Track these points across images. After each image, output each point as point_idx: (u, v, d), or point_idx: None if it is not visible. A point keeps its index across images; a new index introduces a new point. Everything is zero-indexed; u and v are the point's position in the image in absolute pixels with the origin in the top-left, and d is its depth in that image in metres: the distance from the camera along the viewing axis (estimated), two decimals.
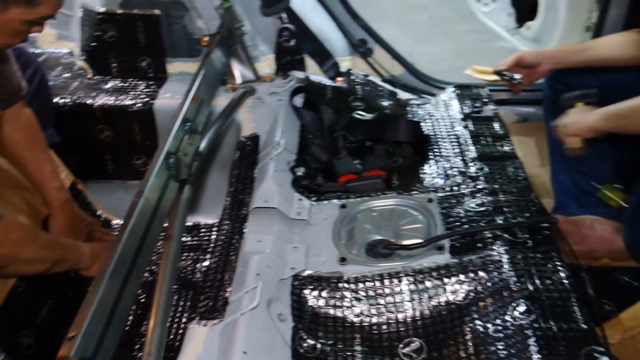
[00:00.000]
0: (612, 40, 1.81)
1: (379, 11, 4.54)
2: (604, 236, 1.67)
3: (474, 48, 3.83)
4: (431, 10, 4.60)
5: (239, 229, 1.39)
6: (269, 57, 1.99)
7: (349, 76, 2.04)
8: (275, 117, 1.74)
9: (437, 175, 1.53)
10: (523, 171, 1.43)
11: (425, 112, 1.81)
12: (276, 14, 1.87)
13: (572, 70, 1.89)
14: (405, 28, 4.32)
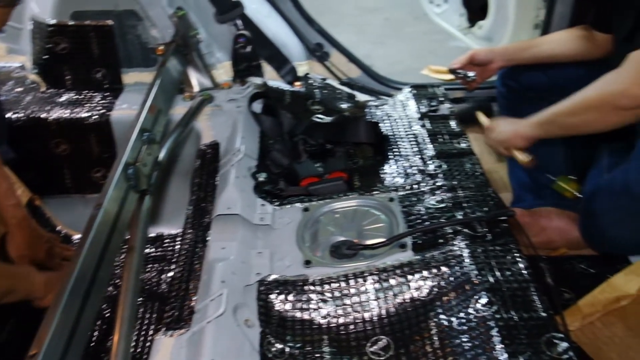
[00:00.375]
0: (558, 37, 1.87)
1: (336, 16, 4.58)
2: (561, 226, 1.73)
3: (429, 48, 3.90)
4: (386, 12, 4.66)
5: (202, 237, 1.38)
6: (226, 64, 1.99)
7: (306, 80, 2.05)
8: (235, 124, 1.74)
9: (397, 175, 1.55)
10: (480, 167, 1.47)
11: (384, 113, 1.84)
12: (231, 21, 1.86)
13: (523, 67, 1.95)
14: (362, 31, 4.37)
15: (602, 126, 1.45)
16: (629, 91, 1.32)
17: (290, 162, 1.66)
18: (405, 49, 4.05)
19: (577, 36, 1.83)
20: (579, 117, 1.46)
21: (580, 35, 1.83)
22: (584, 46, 1.81)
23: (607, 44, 1.73)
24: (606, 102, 1.38)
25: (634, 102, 1.32)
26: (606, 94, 1.38)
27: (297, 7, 2.11)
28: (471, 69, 1.95)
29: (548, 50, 1.87)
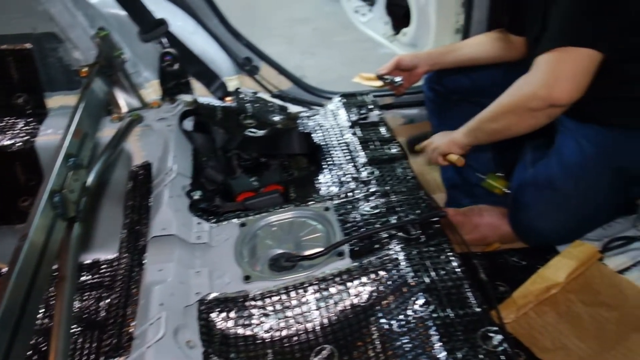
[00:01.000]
0: (477, 41, 1.95)
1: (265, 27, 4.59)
2: (493, 222, 1.79)
3: (359, 56, 3.96)
4: (315, 23, 4.72)
5: (138, 260, 1.35)
6: (154, 83, 1.96)
7: (237, 95, 2.04)
8: (166, 143, 1.71)
9: (332, 184, 1.57)
10: (411, 171, 1.50)
11: (315, 123, 1.86)
12: (155, 39, 1.84)
13: (447, 71, 2.02)
14: (292, 42, 4.40)
15: (521, 129, 1.52)
16: (538, 93, 1.39)
17: (225, 178, 1.65)
18: (336, 57, 4.10)
19: (495, 39, 1.92)
20: (500, 122, 1.53)
21: (497, 38, 1.91)
22: (501, 49, 1.89)
23: (522, 46, 1.82)
24: (520, 105, 1.45)
25: (544, 104, 1.40)
26: (519, 98, 1.46)
27: (224, 23, 2.11)
28: (398, 74, 2.01)
29: (468, 53, 1.94)
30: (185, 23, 2.01)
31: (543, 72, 1.39)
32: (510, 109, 1.49)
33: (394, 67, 2.00)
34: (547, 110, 1.42)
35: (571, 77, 1.36)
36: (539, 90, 1.39)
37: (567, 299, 1.37)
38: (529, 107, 1.44)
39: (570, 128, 1.64)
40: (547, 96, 1.38)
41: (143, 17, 1.82)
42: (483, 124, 1.59)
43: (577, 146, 1.60)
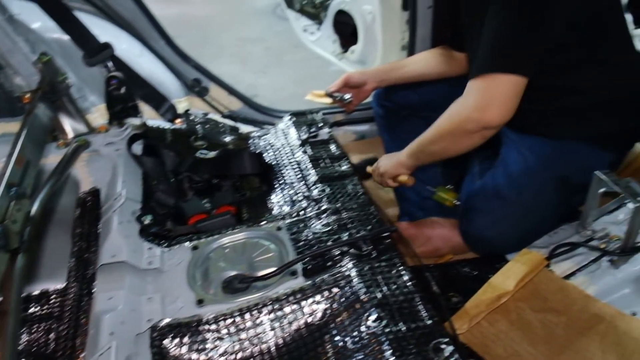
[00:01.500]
0: (422, 57, 2.00)
1: (217, 48, 4.60)
2: (444, 234, 1.82)
3: (311, 74, 4.00)
4: (267, 42, 4.74)
5: (87, 289, 1.32)
6: (101, 107, 1.93)
7: (187, 117, 2.03)
8: (115, 168, 1.68)
9: (284, 203, 1.57)
10: (361, 187, 1.52)
11: (267, 143, 1.86)
12: (101, 63, 1.82)
13: (395, 87, 2.06)
14: (245, 61, 4.41)
15: (459, 149, 1.58)
16: (472, 117, 1.45)
17: (177, 201, 1.63)
18: (288, 76, 4.13)
19: (439, 55, 1.97)
20: (439, 144, 1.59)
21: (441, 54, 1.96)
22: (445, 64, 1.95)
23: (465, 62, 1.87)
24: (457, 128, 1.51)
25: (478, 126, 1.46)
26: (455, 122, 1.51)
27: (171, 45, 2.09)
28: (347, 91, 2.03)
29: (414, 70, 1.99)
30: (131, 46, 1.99)
31: (475, 97, 1.46)
32: (447, 132, 1.54)
33: (343, 84, 2.03)
34: (482, 132, 1.48)
35: (501, 102, 1.43)
36: (473, 114, 1.45)
37: (517, 306, 1.41)
38: (464, 130, 1.50)
39: (514, 139, 1.69)
40: (480, 119, 1.45)
41: (87, 41, 1.80)
42: (424, 146, 1.64)
43: (520, 157, 1.65)
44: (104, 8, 1.93)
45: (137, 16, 2.00)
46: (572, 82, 1.55)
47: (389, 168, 1.78)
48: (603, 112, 1.59)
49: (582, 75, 1.55)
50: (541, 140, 1.63)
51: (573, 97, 1.57)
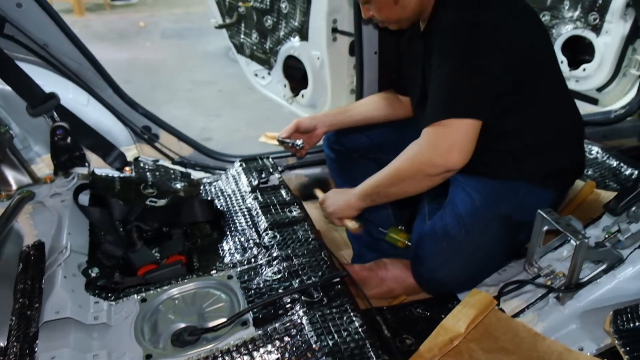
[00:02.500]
0: (370, 101, 2.05)
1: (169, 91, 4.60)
2: (397, 275, 1.84)
3: (264, 116, 4.03)
4: (219, 85, 4.77)
5: (29, 349, 1.27)
6: (46, 157, 1.89)
7: (137, 164, 2.01)
8: (60, 220, 1.64)
9: (235, 250, 1.56)
10: (312, 232, 1.53)
11: (218, 189, 1.86)
12: (46, 114, 1.79)
13: (345, 130, 2.09)
14: (198, 105, 4.42)
15: (418, 190, 1.62)
16: (435, 161, 1.50)
17: (125, 251, 1.60)
18: (242, 118, 4.15)
19: (385, 99, 2.02)
20: (398, 186, 1.61)
21: (387, 98, 2.02)
22: (392, 107, 2.00)
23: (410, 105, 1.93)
24: (418, 171, 1.55)
25: (440, 170, 1.50)
26: (416, 165, 1.55)
27: (118, 93, 2.08)
28: (298, 137, 2.05)
29: (363, 113, 2.03)
30: (78, 95, 1.97)
31: (436, 143, 1.50)
32: (409, 175, 1.58)
33: (293, 130, 2.05)
34: (443, 174, 1.53)
35: (462, 145, 1.48)
36: (436, 159, 1.50)
37: (469, 348, 1.42)
38: (426, 173, 1.53)
39: (460, 180, 1.73)
40: (443, 164, 1.49)
41: (31, 92, 1.77)
42: (380, 188, 1.66)
43: (467, 197, 1.69)
44: (50, 59, 1.91)
45: (84, 66, 1.98)
46: (509, 125, 1.62)
47: (337, 209, 1.78)
48: (539, 152, 1.66)
49: (517, 118, 1.62)
50: (485, 181, 1.68)
51: (509, 139, 1.64)
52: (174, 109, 4.21)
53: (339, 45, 2.23)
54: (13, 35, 1.84)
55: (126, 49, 5.74)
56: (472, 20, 1.48)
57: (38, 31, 1.88)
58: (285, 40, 2.40)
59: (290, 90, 2.57)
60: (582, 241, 1.38)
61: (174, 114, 4.07)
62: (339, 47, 2.23)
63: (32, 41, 1.89)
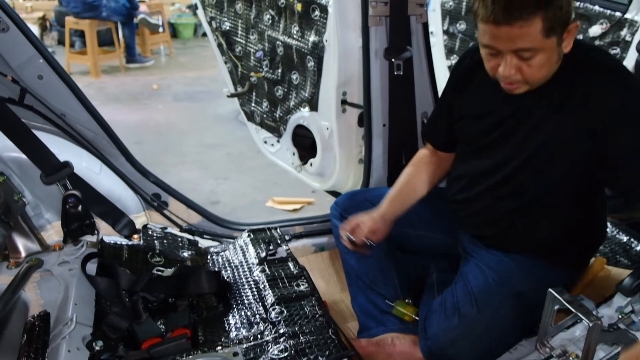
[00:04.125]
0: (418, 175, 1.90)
1: (179, 154, 4.65)
2: (405, 350, 1.79)
3: (272, 180, 4.06)
4: (228, 148, 4.82)
5: None
6: (56, 224, 1.91)
7: (145, 232, 2.02)
8: (67, 289, 1.64)
9: (241, 325, 1.55)
10: (319, 307, 1.51)
11: (225, 260, 1.86)
12: (59, 182, 1.82)
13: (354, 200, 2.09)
14: (206, 167, 4.45)
15: None
16: None
17: (130, 323, 1.59)
18: (249, 182, 4.18)
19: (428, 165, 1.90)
20: None
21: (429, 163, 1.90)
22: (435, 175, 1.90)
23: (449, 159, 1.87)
24: None
25: None
26: None
27: (131, 161, 2.11)
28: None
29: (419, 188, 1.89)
30: (91, 164, 2.01)
31: None
32: None
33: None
34: None
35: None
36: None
37: None
38: None
39: (474, 255, 1.72)
40: None
41: (46, 160, 1.81)
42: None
43: (480, 273, 1.68)
44: (66, 128, 1.96)
45: (99, 134, 2.03)
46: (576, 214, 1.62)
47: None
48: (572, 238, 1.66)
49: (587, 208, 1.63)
50: (499, 257, 1.67)
51: (555, 224, 1.63)
52: (183, 172, 4.25)
53: (348, 117, 2.27)
54: (32, 105, 1.90)
55: (139, 111, 5.85)
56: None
57: (57, 101, 1.94)
58: (295, 110, 2.44)
59: (298, 159, 2.59)
60: (596, 323, 1.36)
61: (183, 177, 4.11)
62: (348, 118, 2.27)
63: (51, 111, 1.94)
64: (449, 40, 3.14)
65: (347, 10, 2.03)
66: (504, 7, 1.29)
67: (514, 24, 1.30)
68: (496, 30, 1.33)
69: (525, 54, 1.35)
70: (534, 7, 1.29)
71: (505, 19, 1.30)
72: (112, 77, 7.12)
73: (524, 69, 1.39)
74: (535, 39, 1.32)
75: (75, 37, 7.48)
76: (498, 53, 1.39)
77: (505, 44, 1.35)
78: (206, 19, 2.65)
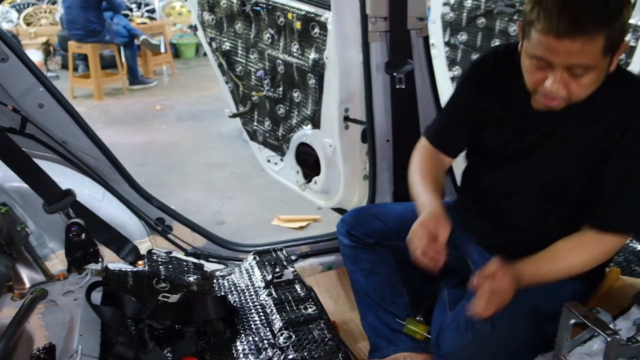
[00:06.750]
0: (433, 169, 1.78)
1: (184, 174, 4.64)
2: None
3: (277, 198, 4.03)
4: (232, 167, 4.81)
5: None
6: (60, 253, 1.89)
7: (150, 257, 2.00)
8: (72, 320, 1.62)
9: (249, 351, 1.52)
10: (329, 330, 1.48)
11: (231, 283, 1.83)
12: (62, 210, 1.80)
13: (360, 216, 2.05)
14: (210, 187, 4.44)
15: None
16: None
17: (137, 353, 1.56)
18: (254, 200, 4.16)
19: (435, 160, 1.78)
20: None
21: (436, 158, 1.78)
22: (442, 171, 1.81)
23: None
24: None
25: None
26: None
27: (134, 187, 2.10)
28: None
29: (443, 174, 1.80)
30: (94, 191, 2.00)
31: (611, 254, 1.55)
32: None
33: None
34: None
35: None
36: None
37: None
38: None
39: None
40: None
41: (48, 189, 1.80)
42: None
43: None
44: (68, 156, 1.95)
45: (101, 161, 2.02)
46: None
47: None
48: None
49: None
50: None
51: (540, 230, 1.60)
52: (188, 192, 4.24)
53: (351, 133, 2.25)
54: (34, 134, 1.89)
55: (142, 132, 5.86)
56: None
57: (58, 129, 1.93)
58: (298, 128, 2.43)
59: (302, 177, 2.58)
60: (614, 338, 1.32)
61: (187, 198, 4.09)
62: (351, 134, 2.25)
63: (52, 139, 1.93)
64: (450, 52, 3.13)
65: (346, 27, 2.02)
66: (570, 20, 1.22)
67: (577, 38, 1.23)
68: (556, 43, 1.25)
69: (578, 71, 1.29)
70: (600, 23, 1.23)
71: (568, 32, 1.23)
72: (116, 99, 7.15)
73: (572, 87, 1.32)
74: (594, 57, 1.26)
75: (78, 61, 7.53)
76: (548, 66, 1.31)
77: (562, 58, 1.27)
78: (206, 39, 2.65)
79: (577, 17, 1.22)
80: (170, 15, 9.70)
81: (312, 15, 2.04)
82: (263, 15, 2.29)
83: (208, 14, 2.57)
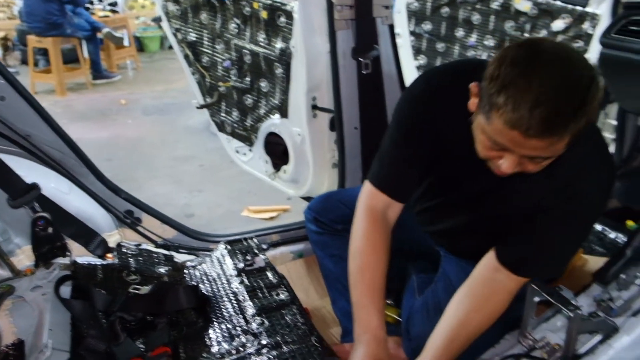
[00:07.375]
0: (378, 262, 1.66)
1: (151, 168, 4.59)
2: (389, 353, 1.78)
3: (246, 189, 4.03)
4: (200, 160, 4.78)
5: None
6: (26, 249, 1.86)
7: (119, 250, 1.98)
8: (41, 315, 1.59)
9: (222, 339, 1.52)
10: (301, 315, 1.50)
11: (202, 273, 1.83)
12: (27, 205, 1.77)
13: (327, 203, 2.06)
14: (179, 181, 4.40)
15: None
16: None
17: (108, 345, 1.55)
18: (223, 192, 4.14)
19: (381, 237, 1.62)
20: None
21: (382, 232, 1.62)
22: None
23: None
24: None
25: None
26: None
27: (101, 179, 2.07)
28: None
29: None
30: (60, 184, 1.96)
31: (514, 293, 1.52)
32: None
33: None
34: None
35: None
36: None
37: None
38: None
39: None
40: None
41: (11, 183, 1.76)
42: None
43: (462, 271, 1.67)
44: (32, 149, 1.91)
45: (67, 154, 1.98)
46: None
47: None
48: None
49: None
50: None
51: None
52: (156, 186, 4.20)
53: (319, 121, 2.26)
54: None
55: (108, 127, 5.77)
56: (605, 195, 1.40)
57: (20, 122, 1.88)
58: (266, 118, 2.43)
59: (272, 166, 2.58)
60: (576, 313, 1.37)
61: (156, 191, 4.05)
62: (319, 123, 2.26)
63: (14, 132, 1.88)
64: (415, 41, 3.15)
65: (312, 16, 2.02)
66: (542, 122, 1.10)
67: (546, 139, 1.13)
68: (521, 140, 1.14)
69: (538, 159, 1.21)
70: (572, 126, 1.12)
71: (537, 134, 1.12)
72: (79, 94, 7.01)
73: (528, 167, 1.24)
74: (558, 151, 1.18)
75: (39, 55, 7.35)
76: (505, 150, 1.21)
77: (525, 151, 1.18)
78: (171, 30, 2.62)
79: (549, 120, 1.10)
80: (133, 8, 9.54)
81: (278, 4, 2.04)
82: (229, 4, 2.27)
83: (173, 4, 2.54)
